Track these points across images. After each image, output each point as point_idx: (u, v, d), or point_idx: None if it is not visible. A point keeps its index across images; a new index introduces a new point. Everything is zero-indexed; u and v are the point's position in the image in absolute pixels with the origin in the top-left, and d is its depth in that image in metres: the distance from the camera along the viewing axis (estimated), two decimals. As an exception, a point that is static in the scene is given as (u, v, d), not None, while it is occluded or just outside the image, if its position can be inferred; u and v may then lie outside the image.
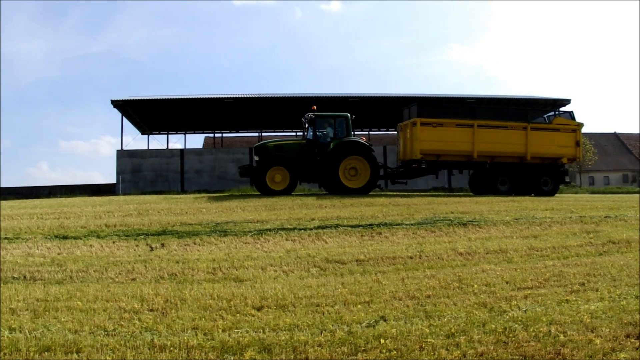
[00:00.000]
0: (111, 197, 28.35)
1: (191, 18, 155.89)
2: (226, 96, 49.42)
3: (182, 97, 49.37)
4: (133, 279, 8.77)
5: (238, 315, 6.55)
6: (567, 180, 29.73)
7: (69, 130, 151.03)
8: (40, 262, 10.09)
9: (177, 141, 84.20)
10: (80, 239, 12.48)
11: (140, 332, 5.89)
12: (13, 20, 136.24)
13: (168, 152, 51.15)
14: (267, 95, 51.03)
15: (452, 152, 27.21)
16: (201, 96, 50.10)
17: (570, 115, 28.99)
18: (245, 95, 50.74)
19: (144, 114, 53.41)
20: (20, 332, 5.90)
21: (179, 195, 30.21)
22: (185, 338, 5.63)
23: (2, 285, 8.50)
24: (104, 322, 6.27)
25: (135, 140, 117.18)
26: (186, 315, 6.53)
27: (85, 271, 9.23)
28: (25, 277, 8.96)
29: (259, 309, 6.79)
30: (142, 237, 12.56)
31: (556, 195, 28.30)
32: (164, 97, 49.56)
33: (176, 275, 8.95)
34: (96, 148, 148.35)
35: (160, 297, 7.43)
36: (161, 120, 56.99)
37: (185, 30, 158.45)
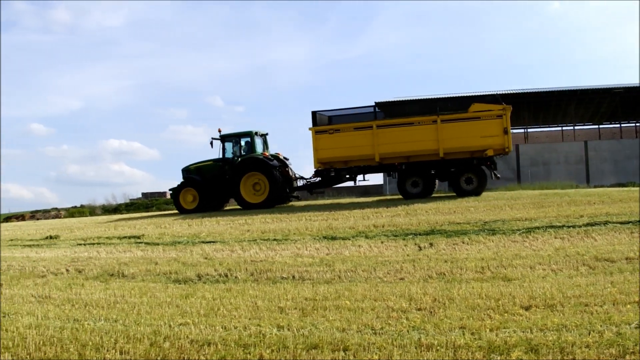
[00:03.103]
0: (379, 198, 28.89)
1: (446, 17, 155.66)
2: (490, 93, 48.49)
3: (439, 96, 49.19)
4: (401, 279, 8.82)
5: (506, 314, 6.33)
6: (497, 176, 23.98)
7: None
8: (309, 262, 10.55)
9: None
10: (349, 239, 12.87)
11: (408, 331, 5.90)
12: (274, 27, 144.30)
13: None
14: (532, 90, 49.47)
15: (355, 158, 24.96)
16: (462, 94, 49.62)
17: (494, 98, 24.50)
18: (509, 92, 49.55)
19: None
20: (288, 329, 6.16)
21: (445, 194, 30.19)
22: (452, 337, 5.55)
23: (271, 284, 8.92)
24: (372, 320, 6.37)
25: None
26: (454, 315, 6.44)
27: (354, 271, 9.46)
28: (294, 277, 9.42)
29: (526, 309, 6.50)
30: (411, 236, 12.68)
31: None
32: (424, 97, 49.69)
33: (444, 274, 8.86)
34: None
35: (429, 297, 7.40)
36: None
37: (440, 30, 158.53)
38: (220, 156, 27.35)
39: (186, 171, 28.26)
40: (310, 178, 27.05)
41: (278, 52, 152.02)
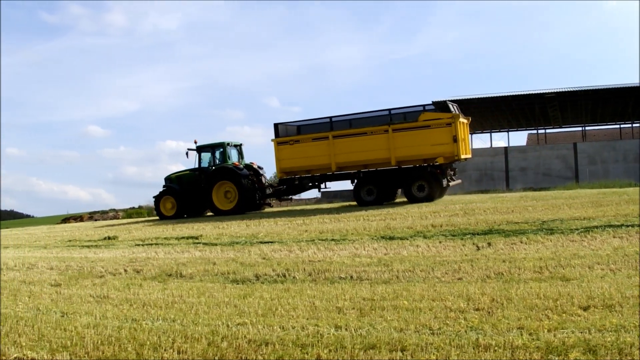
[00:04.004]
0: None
1: (501, 14, 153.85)
2: (547, 91, 47.87)
3: (503, 94, 48.69)
4: (459, 279, 8.80)
5: (564, 315, 6.29)
6: (445, 184, 24.53)
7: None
8: (367, 262, 10.61)
9: (500, 139, 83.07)
10: (407, 239, 12.89)
11: (466, 332, 5.92)
12: (329, 28, 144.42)
13: (492, 151, 50.69)
14: (589, 88, 48.60)
15: (314, 167, 26.35)
16: (522, 92, 49.03)
17: (445, 106, 24.33)
18: (567, 89, 48.78)
19: (467, 113, 53.57)
20: (346, 330, 6.24)
21: (504, 193, 29.93)
22: (510, 338, 5.55)
23: (329, 284, 9.00)
24: (430, 321, 6.41)
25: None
26: (512, 315, 6.42)
27: (412, 271, 9.48)
28: (352, 277, 9.47)
29: (585, 309, 6.45)
30: (469, 236, 12.64)
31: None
32: (484, 96, 49.27)
33: (502, 274, 8.81)
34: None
35: (487, 297, 7.39)
36: (484, 119, 56.76)
37: (496, 28, 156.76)
38: (196, 166, 29.77)
39: (167, 180, 30.90)
40: (278, 186, 29.04)
41: (333, 52, 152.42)
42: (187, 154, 29.45)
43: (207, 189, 28.27)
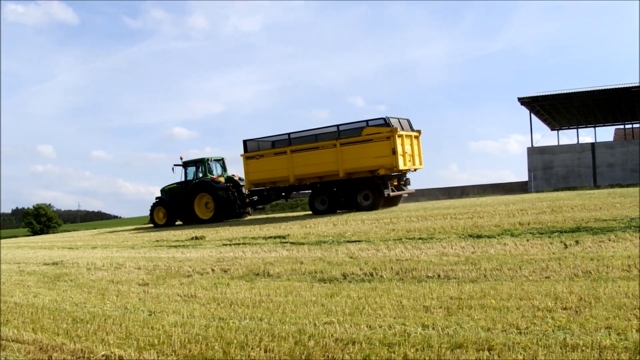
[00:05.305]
0: (523, 195, 28.63)
1: (585, 8, 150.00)
2: (634, 85, 46.53)
3: (589, 89, 47.60)
4: (547, 277, 8.72)
5: (653, 314, 6.19)
6: (387, 194, 26.17)
7: (477, 130, 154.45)
8: (454, 261, 10.61)
9: (586, 135, 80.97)
10: (494, 237, 12.80)
11: (553, 331, 5.93)
12: (411, 26, 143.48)
13: (579, 147, 49.49)
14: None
15: (277, 179, 29.10)
16: (609, 87, 47.82)
17: (385, 121, 25.63)
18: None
19: (552, 109, 52.64)
20: (433, 329, 6.31)
21: (591, 190, 29.32)
22: (598, 338, 5.54)
23: (416, 283, 9.05)
24: (517, 320, 6.44)
25: (545, 137, 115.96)
26: (599, 314, 6.38)
27: (499, 269, 9.46)
28: (439, 275, 9.51)
29: (675, 309, 6.34)
30: (556, 234, 12.48)
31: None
32: (571, 91, 48.24)
33: (590, 272, 8.69)
34: (505, 147, 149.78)
35: (574, 296, 7.34)
36: (570, 115, 55.63)
37: (579, 21, 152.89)
38: (183, 179, 33.78)
39: (162, 191, 34.81)
40: (251, 196, 32.01)
41: (416, 50, 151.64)
42: (172, 169, 33.76)
43: (188, 200, 32.19)
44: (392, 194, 26.57)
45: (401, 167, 25.40)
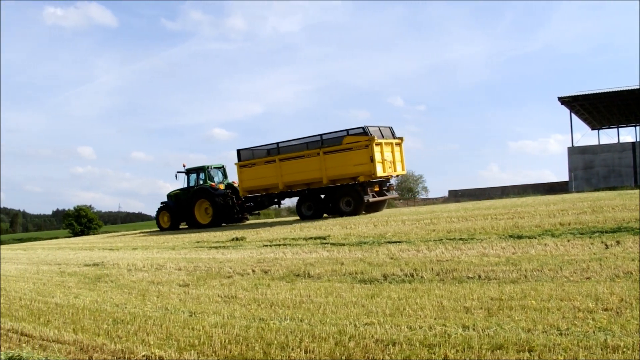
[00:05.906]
0: (564, 195, 28.42)
1: (624, 6, 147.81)
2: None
3: (630, 88, 46.96)
4: (587, 278, 8.68)
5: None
6: (367, 200, 27.23)
7: (517, 130, 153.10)
8: (495, 261, 10.60)
9: (627, 134, 79.76)
10: (535, 238, 12.75)
11: (594, 332, 5.92)
12: (449, 26, 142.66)
13: (620, 147, 48.94)
14: None
15: (268, 186, 30.44)
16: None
17: (364, 130, 26.70)
18: None
19: (593, 108, 52.06)
20: (474, 329, 6.33)
21: (632, 190, 28.97)
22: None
23: (457, 284, 9.07)
24: (558, 321, 6.44)
25: (585, 136, 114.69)
26: (641, 316, 6.32)
27: (540, 270, 9.43)
28: (479, 276, 9.51)
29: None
30: (597, 234, 12.39)
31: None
32: (612, 90, 47.64)
33: (631, 273, 8.64)
34: (545, 146, 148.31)
35: (615, 297, 7.31)
36: (610, 114, 54.97)
37: (619, 20, 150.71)
38: (186, 185, 35.74)
39: (168, 197, 37.10)
40: (247, 203, 33.27)
41: (455, 50, 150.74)
42: (176, 176, 35.80)
43: (190, 206, 34.13)
44: (371, 199, 27.55)
45: (380, 174, 26.53)
